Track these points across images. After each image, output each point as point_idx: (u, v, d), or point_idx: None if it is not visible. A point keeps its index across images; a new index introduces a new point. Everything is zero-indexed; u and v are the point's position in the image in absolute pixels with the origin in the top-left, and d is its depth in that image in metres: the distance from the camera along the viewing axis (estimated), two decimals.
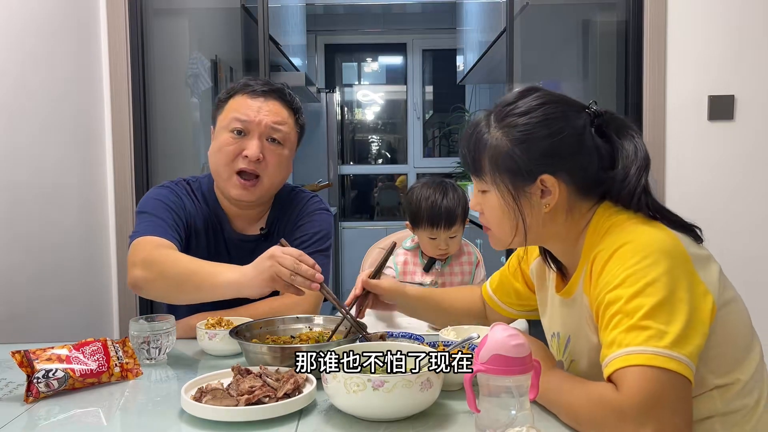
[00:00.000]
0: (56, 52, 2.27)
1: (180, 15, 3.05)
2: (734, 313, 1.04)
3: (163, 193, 1.63)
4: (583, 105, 1.12)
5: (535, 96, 1.10)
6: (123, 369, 1.24)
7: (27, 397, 1.14)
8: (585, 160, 1.08)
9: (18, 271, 2.01)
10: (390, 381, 0.98)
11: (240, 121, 1.55)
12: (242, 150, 1.55)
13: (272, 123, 1.57)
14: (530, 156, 1.07)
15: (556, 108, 1.08)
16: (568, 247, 1.14)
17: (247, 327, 1.36)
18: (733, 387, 1.02)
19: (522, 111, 1.08)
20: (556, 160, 1.07)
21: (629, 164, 1.07)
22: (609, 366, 0.95)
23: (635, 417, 0.89)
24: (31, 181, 2.09)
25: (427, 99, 6.29)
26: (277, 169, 1.60)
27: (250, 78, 1.64)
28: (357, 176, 6.46)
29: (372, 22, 6.01)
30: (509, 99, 1.12)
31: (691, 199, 2.56)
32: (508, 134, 1.08)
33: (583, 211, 1.11)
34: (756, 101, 2.57)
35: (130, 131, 2.62)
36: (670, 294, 0.94)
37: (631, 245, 0.99)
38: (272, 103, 1.59)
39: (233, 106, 1.58)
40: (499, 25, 3.31)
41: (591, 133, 1.09)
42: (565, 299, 1.16)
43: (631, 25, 2.65)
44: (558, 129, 1.06)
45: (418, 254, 2.01)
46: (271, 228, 1.70)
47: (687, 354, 0.92)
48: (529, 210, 1.10)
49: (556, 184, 1.07)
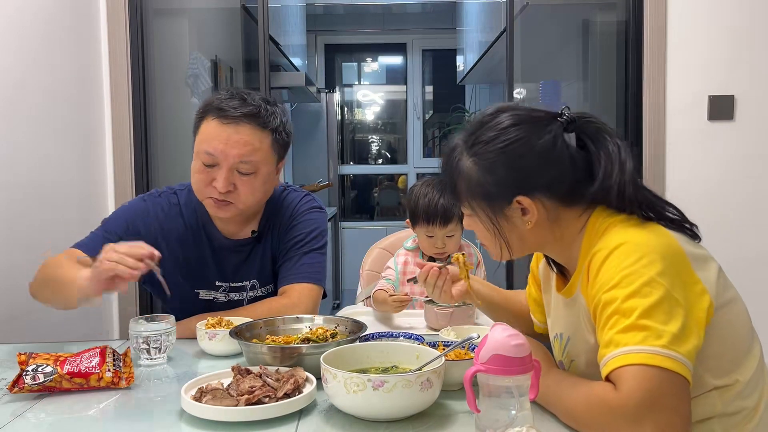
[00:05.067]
0: (56, 52, 2.26)
1: (180, 15, 3.05)
2: (734, 313, 1.04)
3: (131, 206, 1.68)
4: (554, 114, 1.11)
5: (502, 118, 1.09)
6: (116, 375, 1.21)
7: (12, 387, 1.16)
8: (559, 174, 1.08)
9: (18, 271, 2.01)
10: (390, 381, 0.98)
11: (207, 153, 1.51)
12: (212, 179, 1.53)
13: (241, 156, 1.51)
14: (502, 181, 1.08)
15: (521, 129, 1.07)
16: (565, 251, 1.14)
17: (247, 327, 1.37)
18: (733, 388, 1.02)
19: (488, 138, 1.09)
20: (528, 181, 1.08)
21: (609, 168, 1.06)
22: (607, 366, 0.95)
23: (633, 416, 0.89)
24: (31, 180, 2.09)
25: (427, 99, 6.29)
26: (251, 195, 1.56)
27: (226, 96, 1.54)
28: (357, 176, 6.46)
29: (372, 22, 6.01)
30: (477, 124, 1.12)
31: (691, 199, 2.56)
32: (477, 162, 1.09)
33: (572, 218, 1.11)
34: (756, 101, 2.57)
35: (130, 131, 2.62)
36: (666, 294, 0.95)
37: (627, 245, 0.99)
38: (244, 130, 1.51)
39: (205, 132, 1.53)
40: (499, 25, 3.31)
41: (564, 143, 1.07)
42: (566, 299, 1.16)
43: (631, 25, 2.65)
44: (526, 151, 1.06)
45: (419, 255, 2.01)
46: (263, 229, 1.69)
47: (684, 353, 0.92)
48: (511, 228, 1.11)
49: (532, 204, 1.08)
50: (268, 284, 1.70)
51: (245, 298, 1.68)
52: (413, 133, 6.18)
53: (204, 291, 1.67)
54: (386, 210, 6.32)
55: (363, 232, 5.78)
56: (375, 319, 1.85)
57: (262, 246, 1.69)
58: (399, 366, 1.16)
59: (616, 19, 2.80)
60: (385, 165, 6.49)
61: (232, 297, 1.68)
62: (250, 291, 1.68)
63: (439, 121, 6.16)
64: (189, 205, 1.68)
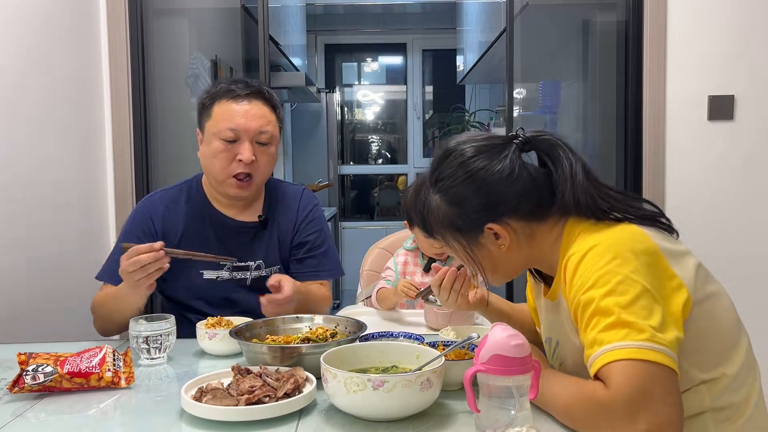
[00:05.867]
0: (56, 52, 2.26)
1: (180, 15, 3.05)
2: (717, 307, 1.06)
3: (130, 219, 1.79)
4: (511, 137, 1.13)
5: (459, 152, 1.12)
6: (116, 375, 1.21)
7: (12, 387, 1.16)
8: (523, 194, 1.10)
9: (18, 271, 2.01)
10: (390, 381, 0.98)
11: (231, 129, 1.65)
12: (236, 155, 1.66)
13: (259, 127, 1.67)
14: (469, 212, 1.11)
15: (479, 159, 1.10)
16: (546, 260, 1.16)
17: (247, 327, 1.37)
18: (720, 381, 1.03)
19: (447, 174, 1.12)
20: (494, 209, 1.10)
21: (565, 182, 1.09)
22: (593, 365, 0.96)
23: (625, 411, 0.90)
24: (31, 180, 2.09)
25: (427, 99, 6.29)
26: (267, 166, 1.72)
27: (230, 81, 1.71)
28: (357, 176, 6.46)
29: (372, 22, 6.01)
30: (436, 161, 1.15)
31: (691, 199, 2.56)
32: (443, 198, 1.13)
33: (545, 231, 1.13)
34: (756, 101, 2.57)
35: (130, 131, 2.62)
36: (643, 289, 0.96)
37: (599, 247, 1.01)
38: (256, 105, 1.68)
39: (220, 112, 1.67)
40: (499, 25, 3.31)
41: (523, 166, 1.10)
42: (552, 303, 1.18)
43: (631, 25, 2.65)
44: (487, 178, 1.09)
45: (419, 255, 2.01)
46: (268, 215, 1.79)
47: (667, 344, 0.93)
48: (488, 254, 1.14)
49: (503, 229, 1.11)
50: (274, 265, 1.78)
51: (249, 277, 1.75)
52: (413, 133, 6.18)
53: (208, 271, 1.73)
54: (386, 210, 6.32)
55: (363, 232, 5.78)
56: (376, 319, 1.85)
57: (268, 231, 1.78)
58: (399, 366, 1.16)
59: (616, 19, 2.80)
60: (385, 165, 6.50)
61: (235, 275, 1.74)
62: (254, 271, 1.75)
63: (439, 121, 6.16)
64: (189, 195, 1.78)
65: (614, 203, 1.09)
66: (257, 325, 1.39)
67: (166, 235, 1.71)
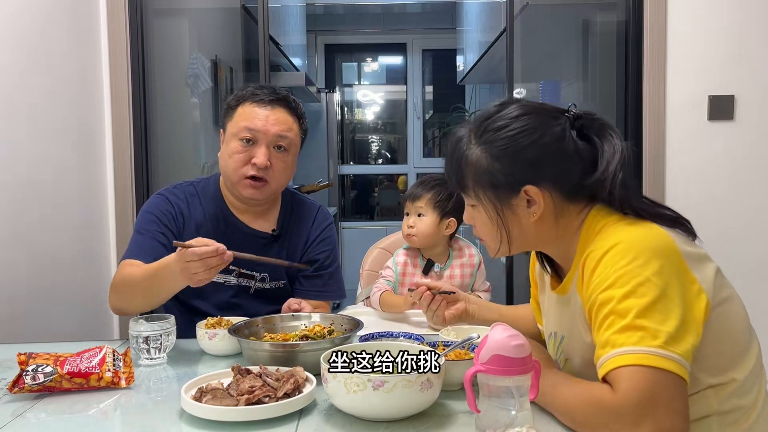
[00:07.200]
0: (56, 52, 2.26)
1: (180, 15, 3.05)
2: (731, 312, 1.04)
3: (154, 203, 1.74)
4: (562, 109, 1.12)
5: (512, 108, 1.10)
6: (116, 375, 1.21)
7: (12, 387, 1.16)
8: (567, 166, 1.08)
9: (18, 271, 2.01)
10: (390, 381, 0.98)
11: (249, 130, 1.65)
12: (251, 157, 1.65)
13: (279, 132, 1.66)
14: (511, 169, 1.08)
15: (533, 119, 1.08)
16: (563, 249, 1.14)
17: (246, 325, 1.37)
18: (728, 386, 1.02)
19: (499, 125, 1.09)
20: (538, 170, 1.08)
21: (607, 165, 1.07)
22: (603, 366, 0.95)
23: (631, 417, 0.90)
24: (30, 180, 2.09)
25: (427, 99, 6.29)
26: (283, 174, 1.70)
27: (257, 86, 1.72)
28: (357, 176, 6.46)
29: (372, 22, 6.01)
30: (486, 114, 1.13)
31: (691, 198, 2.56)
32: (487, 150, 1.09)
33: (572, 214, 1.11)
34: (756, 101, 2.57)
35: (130, 131, 2.62)
36: (662, 293, 0.94)
37: (622, 245, 0.99)
38: (279, 111, 1.68)
39: (242, 114, 1.67)
40: (499, 25, 3.31)
41: (571, 138, 1.08)
42: (561, 297, 1.16)
43: (631, 25, 2.65)
44: (536, 139, 1.07)
45: (419, 256, 2.01)
46: (281, 230, 1.78)
47: (681, 353, 0.92)
48: (516, 221, 1.11)
49: (540, 194, 1.08)
50: (279, 280, 1.77)
51: (253, 287, 1.74)
52: (413, 133, 6.17)
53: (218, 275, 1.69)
54: (386, 210, 6.31)
55: (363, 232, 5.78)
56: (377, 319, 1.85)
57: (279, 245, 1.77)
58: None
59: (616, 18, 2.80)
60: (385, 165, 6.50)
61: (242, 282, 1.74)
62: (259, 282, 1.74)
63: (439, 121, 6.15)
64: (206, 193, 1.77)
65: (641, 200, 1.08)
66: (255, 323, 1.39)
67: (186, 226, 1.71)
